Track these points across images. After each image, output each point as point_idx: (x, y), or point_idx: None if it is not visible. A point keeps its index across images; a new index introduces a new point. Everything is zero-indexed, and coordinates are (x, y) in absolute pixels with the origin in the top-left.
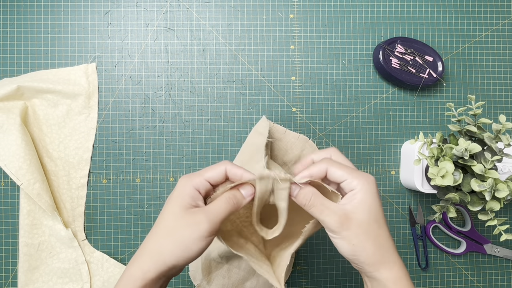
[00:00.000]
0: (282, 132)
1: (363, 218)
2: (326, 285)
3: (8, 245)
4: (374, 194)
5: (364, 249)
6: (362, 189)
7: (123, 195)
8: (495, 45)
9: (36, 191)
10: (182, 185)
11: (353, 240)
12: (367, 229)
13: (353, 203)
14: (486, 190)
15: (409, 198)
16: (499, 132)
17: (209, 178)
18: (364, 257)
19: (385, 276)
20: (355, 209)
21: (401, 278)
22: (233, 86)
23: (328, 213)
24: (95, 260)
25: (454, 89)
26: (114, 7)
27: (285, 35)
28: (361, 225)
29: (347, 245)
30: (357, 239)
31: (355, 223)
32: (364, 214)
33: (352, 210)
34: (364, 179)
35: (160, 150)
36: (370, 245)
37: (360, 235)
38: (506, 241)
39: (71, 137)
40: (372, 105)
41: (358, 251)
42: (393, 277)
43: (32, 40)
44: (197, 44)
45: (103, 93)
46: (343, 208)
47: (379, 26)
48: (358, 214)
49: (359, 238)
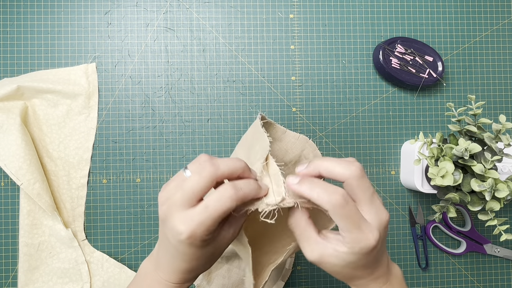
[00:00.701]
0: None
1: (338, 264)
2: (326, 285)
3: (8, 245)
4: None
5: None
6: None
7: (123, 195)
8: (495, 45)
9: (36, 191)
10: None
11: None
12: (340, 273)
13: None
14: (486, 190)
15: (409, 198)
16: (499, 132)
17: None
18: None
19: None
20: (334, 257)
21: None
22: (233, 86)
23: (304, 246)
24: (95, 260)
25: (454, 89)
26: (114, 7)
27: (285, 35)
28: (333, 268)
29: None
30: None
31: (329, 266)
32: (341, 263)
33: (330, 255)
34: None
35: (160, 150)
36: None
37: (333, 273)
38: (506, 241)
39: (71, 137)
40: (372, 105)
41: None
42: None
43: (32, 40)
44: (197, 44)
45: (103, 93)
46: (322, 248)
47: (379, 26)
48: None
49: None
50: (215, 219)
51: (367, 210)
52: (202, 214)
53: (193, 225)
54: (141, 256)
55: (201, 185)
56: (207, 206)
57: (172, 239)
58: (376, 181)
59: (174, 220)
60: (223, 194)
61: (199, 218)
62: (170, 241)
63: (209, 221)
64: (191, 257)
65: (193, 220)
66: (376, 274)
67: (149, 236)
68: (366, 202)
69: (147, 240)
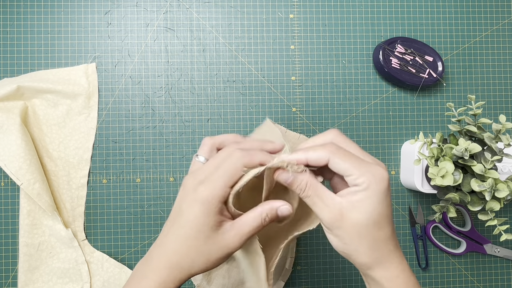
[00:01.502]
0: (283, 132)
1: (359, 219)
2: (326, 285)
3: (8, 245)
4: (381, 194)
5: (357, 250)
6: (368, 188)
7: (123, 195)
8: (495, 45)
9: (36, 191)
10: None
11: (345, 240)
12: (362, 231)
13: (352, 200)
14: (486, 190)
15: (409, 198)
16: (499, 132)
17: (231, 184)
18: (356, 257)
19: (380, 275)
20: (353, 208)
21: (397, 277)
22: (233, 86)
23: (321, 206)
24: (95, 260)
25: (454, 89)
26: (114, 7)
27: (285, 35)
28: (355, 226)
29: (338, 242)
30: (349, 239)
31: (349, 223)
32: (362, 215)
33: (348, 208)
34: (373, 176)
35: (160, 150)
36: (363, 247)
37: (353, 235)
38: (506, 241)
39: (71, 137)
40: (372, 105)
41: (349, 250)
42: (389, 276)
43: (32, 40)
44: (197, 44)
45: (103, 93)
46: (340, 203)
47: (379, 26)
48: (354, 213)
49: (351, 238)
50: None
51: (362, 156)
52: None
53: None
54: (141, 256)
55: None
56: (218, 167)
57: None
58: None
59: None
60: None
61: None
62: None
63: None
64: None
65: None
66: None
67: (149, 236)
68: (359, 150)
69: (147, 240)
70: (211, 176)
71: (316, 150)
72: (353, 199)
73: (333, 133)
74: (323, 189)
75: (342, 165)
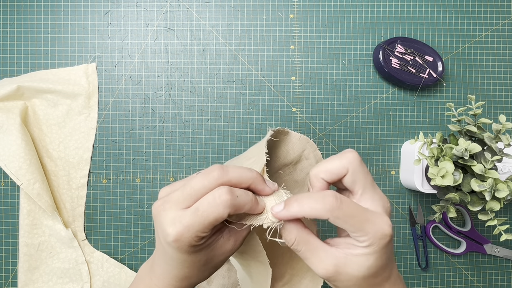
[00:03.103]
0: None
1: (357, 274)
2: (326, 285)
3: (8, 245)
4: (382, 251)
5: None
6: (369, 246)
7: (123, 195)
8: (495, 45)
9: (36, 191)
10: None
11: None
12: (359, 283)
13: (349, 253)
14: (486, 190)
15: (409, 198)
16: (499, 132)
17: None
18: None
19: None
20: (349, 263)
21: None
22: (233, 86)
23: (314, 262)
24: (95, 260)
25: (454, 89)
26: (114, 7)
27: (285, 35)
28: (352, 279)
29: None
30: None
31: (347, 277)
32: (361, 270)
33: (344, 262)
34: (376, 234)
35: (160, 150)
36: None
37: (350, 286)
38: (506, 241)
39: (71, 137)
40: (372, 105)
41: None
42: None
43: (32, 40)
44: (197, 44)
45: (103, 93)
46: (335, 258)
47: (379, 26)
48: (351, 269)
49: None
50: (205, 225)
51: (370, 196)
52: (192, 217)
53: (181, 227)
54: (141, 256)
55: (204, 185)
56: (197, 209)
57: (162, 240)
58: (376, 181)
59: (164, 219)
60: (216, 198)
61: (187, 221)
62: (161, 241)
63: (198, 226)
64: (181, 263)
65: (181, 222)
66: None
67: (149, 236)
68: (369, 188)
69: (147, 240)
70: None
71: (314, 205)
72: (351, 253)
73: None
74: (315, 242)
75: (344, 225)
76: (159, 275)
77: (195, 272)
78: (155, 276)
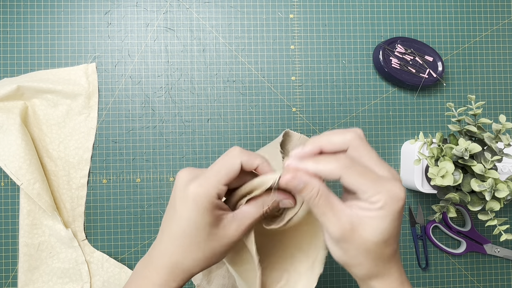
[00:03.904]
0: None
1: (369, 237)
2: (326, 285)
3: (8, 245)
4: (395, 214)
5: (360, 264)
6: (383, 208)
7: (123, 195)
8: (495, 45)
9: (36, 191)
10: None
11: (350, 253)
12: (371, 248)
13: (363, 216)
14: (486, 190)
15: (409, 198)
16: (499, 132)
17: (226, 181)
18: (357, 271)
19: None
20: (364, 225)
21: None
22: (233, 86)
23: (331, 218)
24: (95, 260)
25: (454, 89)
26: (114, 7)
27: (285, 35)
28: (365, 243)
29: (342, 255)
30: (355, 253)
31: (359, 240)
32: (374, 234)
33: (359, 223)
34: (389, 195)
35: (160, 150)
36: (367, 261)
37: (360, 251)
38: (506, 241)
39: (71, 137)
40: (372, 105)
41: (352, 264)
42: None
43: (32, 40)
44: (197, 44)
45: (103, 93)
46: (351, 217)
47: (379, 26)
48: (366, 232)
49: (357, 253)
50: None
51: (378, 169)
52: (209, 171)
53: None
54: (141, 256)
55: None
56: (213, 165)
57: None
58: None
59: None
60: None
61: (206, 174)
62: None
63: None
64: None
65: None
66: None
67: (149, 236)
68: (376, 161)
69: (147, 240)
70: (205, 173)
71: (328, 163)
72: (365, 215)
73: (353, 134)
74: (334, 199)
75: (355, 184)
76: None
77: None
78: (152, 266)
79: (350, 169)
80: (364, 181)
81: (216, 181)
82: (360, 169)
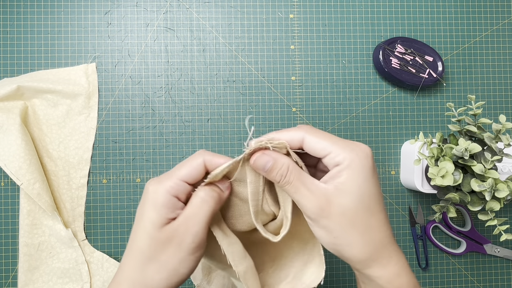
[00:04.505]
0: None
1: (348, 203)
2: (326, 285)
3: (8, 245)
4: (367, 172)
5: (349, 243)
6: (351, 164)
7: (123, 195)
8: (495, 45)
9: (36, 191)
10: (153, 194)
11: (335, 232)
12: (354, 219)
13: (336, 183)
14: (486, 190)
15: (409, 198)
16: (499, 132)
17: (185, 177)
18: (349, 253)
19: (378, 274)
20: (339, 192)
21: (398, 275)
22: (233, 86)
23: (305, 194)
24: (95, 260)
25: (454, 89)
26: (114, 7)
27: (285, 35)
28: (345, 213)
29: (327, 236)
30: (340, 230)
31: (338, 210)
32: (351, 198)
33: (334, 192)
34: (355, 151)
35: (160, 150)
36: (357, 239)
37: (344, 226)
38: (506, 241)
39: (71, 137)
40: (372, 105)
41: (341, 245)
42: (388, 275)
43: (32, 40)
44: (197, 44)
45: (103, 93)
46: (325, 189)
47: (379, 26)
48: (342, 198)
49: (342, 230)
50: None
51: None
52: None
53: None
54: None
55: None
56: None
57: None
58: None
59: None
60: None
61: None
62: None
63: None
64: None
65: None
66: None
67: None
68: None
69: None
70: (167, 173)
71: (290, 130)
72: (338, 182)
73: (305, 126)
74: (306, 174)
75: (318, 143)
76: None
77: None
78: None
79: (312, 132)
80: (327, 142)
81: (175, 176)
82: (321, 133)
